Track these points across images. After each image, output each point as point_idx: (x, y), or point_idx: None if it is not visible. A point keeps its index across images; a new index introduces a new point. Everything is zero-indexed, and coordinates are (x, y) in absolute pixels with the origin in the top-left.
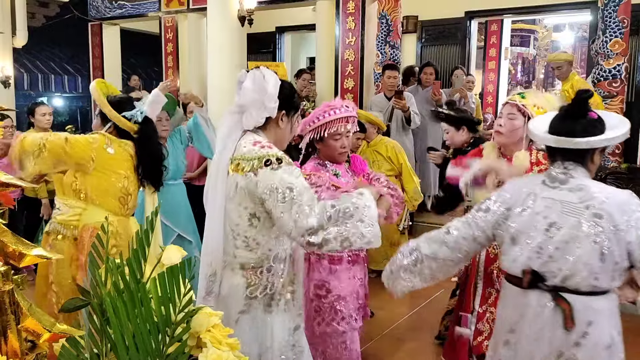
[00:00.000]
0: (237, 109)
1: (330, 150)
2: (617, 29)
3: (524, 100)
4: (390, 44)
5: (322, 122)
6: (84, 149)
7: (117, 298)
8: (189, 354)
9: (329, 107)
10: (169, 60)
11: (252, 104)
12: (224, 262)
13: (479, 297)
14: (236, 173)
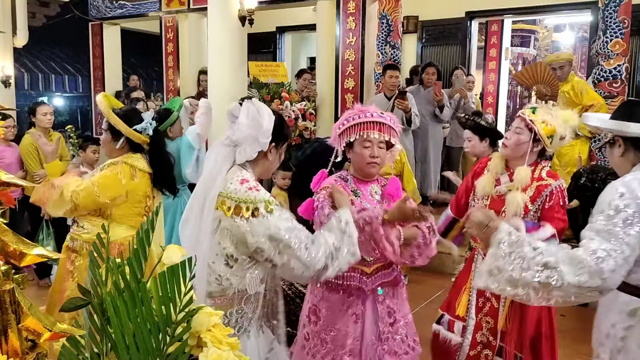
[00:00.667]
0: (230, 143)
1: (359, 160)
2: (617, 29)
3: (533, 115)
4: (390, 44)
5: (352, 123)
6: (115, 189)
7: (117, 297)
8: (190, 353)
9: (360, 110)
10: (170, 60)
11: (246, 140)
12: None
13: (473, 307)
14: (221, 211)
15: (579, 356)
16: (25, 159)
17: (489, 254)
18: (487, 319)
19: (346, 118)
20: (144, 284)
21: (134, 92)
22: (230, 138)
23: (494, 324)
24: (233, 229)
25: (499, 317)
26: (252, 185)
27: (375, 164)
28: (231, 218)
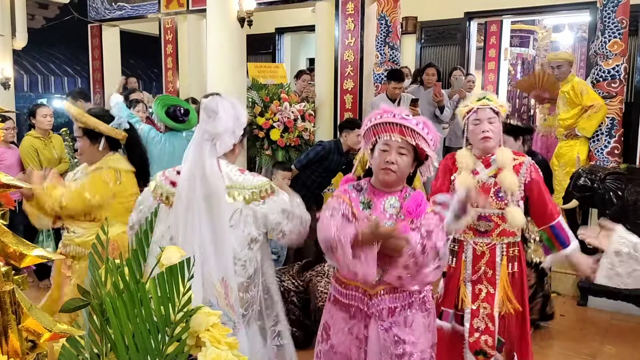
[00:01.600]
0: (209, 137)
1: (374, 165)
2: (616, 29)
3: (492, 102)
4: (389, 45)
5: (372, 124)
6: (104, 191)
7: (117, 298)
8: (188, 353)
9: (385, 111)
10: (169, 61)
11: (225, 132)
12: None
13: (469, 294)
14: (238, 201)
15: (578, 356)
16: (25, 161)
17: (607, 263)
18: (484, 304)
19: (369, 119)
20: (143, 284)
21: (133, 94)
22: (209, 132)
23: (490, 309)
24: (255, 214)
25: (495, 302)
26: (249, 172)
27: (389, 171)
28: (252, 205)
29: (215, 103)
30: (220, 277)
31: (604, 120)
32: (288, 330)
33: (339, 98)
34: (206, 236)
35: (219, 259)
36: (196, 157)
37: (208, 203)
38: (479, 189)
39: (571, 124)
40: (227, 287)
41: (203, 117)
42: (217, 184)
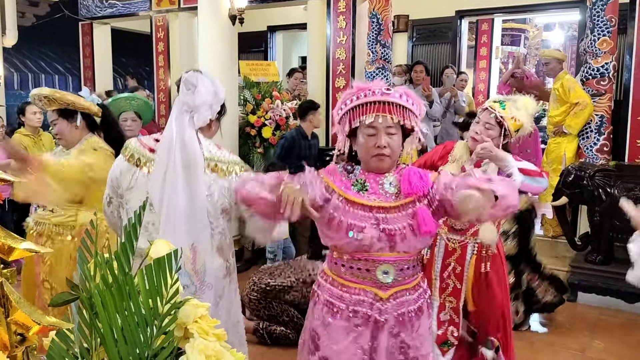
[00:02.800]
0: (188, 109)
1: (363, 152)
2: (605, 27)
3: (503, 111)
4: (381, 43)
5: (349, 107)
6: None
7: (105, 291)
8: (177, 345)
9: (359, 89)
10: (160, 59)
11: (203, 105)
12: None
13: (437, 289)
14: (214, 173)
15: (567, 350)
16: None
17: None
18: (450, 299)
19: (343, 101)
20: (132, 277)
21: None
22: (188, 104)
23: (456, 303)
24: (229, 186)
25: (461, 296)
26: (226, 149)
27: (383, 156)
28: (227, 178)
29: (195, 77)
30: (191, 243)
31: (593, 118)
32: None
33: (331, 96)
34: (181, 203)
35: (192, 226)
36: (177, 127)
37: (186, 171)
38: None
39: (559, 121)
40: (195, 253)
41: (182, 89)
42: (196, 154)
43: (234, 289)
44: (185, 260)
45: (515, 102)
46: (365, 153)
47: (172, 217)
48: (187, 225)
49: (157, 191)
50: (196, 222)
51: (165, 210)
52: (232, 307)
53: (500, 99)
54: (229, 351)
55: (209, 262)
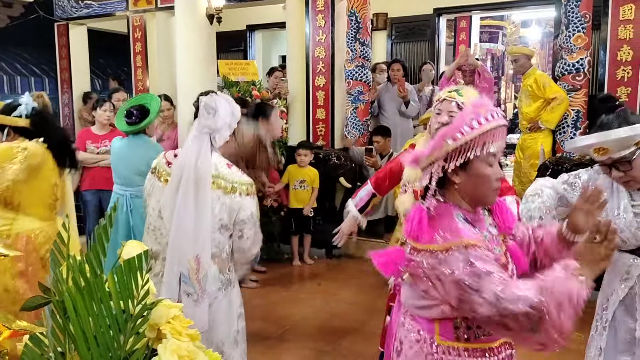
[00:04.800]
0: (208, 131)
1: (479, 186)
2: (579, 23)
3: (462, 97)
4: (360, 41)
5: (478, 132)
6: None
7: (76, 294)
8: (152, 347)
9: (483, 109)
10: (138, 59)
11: (224, 127)
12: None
13: None
14: (219, 190)
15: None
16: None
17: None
18: None
19: (467, 123)
20: (101, 279)
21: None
22: (210, 127)
23: None
24: (231, 204)
25: None
26: (237, 169)
27: (498, 190)
28: (230, 196)
29: (214, 101)
30: (196, 254)
31: (570, 113)
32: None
33: (311, 95)
34: (188, 216)
35: (197, 238)
36: (194, 147)
37: (195, 187)
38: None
39: (534, 117)
40: (199, 264)
41: (203, 113)
42: (206, 171)
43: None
44: (190, 270)
45: (468, 90)
46: (487, 187)
47: (181, 229)
48: (194, 237)
49: (168, 202)
50: (201, 236)
51: (175, 222)
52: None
53: (455, 88)
54: (204, 352)
55: (210, 272)
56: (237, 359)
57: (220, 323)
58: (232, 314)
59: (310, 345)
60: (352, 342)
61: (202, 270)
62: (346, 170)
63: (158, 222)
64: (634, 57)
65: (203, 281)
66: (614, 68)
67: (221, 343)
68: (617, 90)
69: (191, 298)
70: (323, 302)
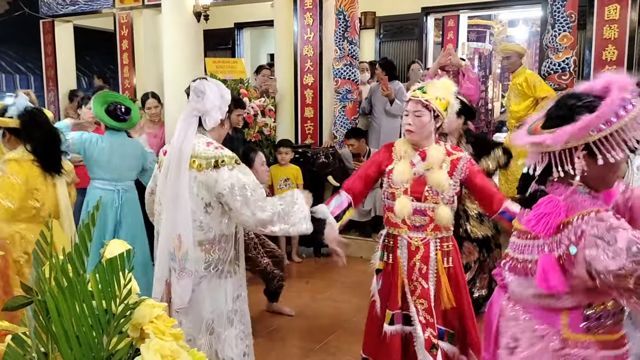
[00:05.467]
0: (197, 114)
1: (608, 172)
2: (565, 23)
3: (426, 95)
4: (348, 40)
5: (623, 121)
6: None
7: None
8: (135, 347)
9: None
10: (125, 57)
11: (213, 109)
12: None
13: (409, 293)
14: (193, 169)
15: None
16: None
17: None
18: (420, 300)
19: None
20: (83, 278)
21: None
22: (199, 109)
23: (427, 304)
24: (207, 180)
25: (431, 297)
26: (217, 145)
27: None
28: (204, 173)
29: (203, 85)
30: (177, 233)
31: None
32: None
33: (299, 93)
34: (170, 197)
35: (177, 218)
36: (182, 131)
37: (177, 169)
38: (412, 181)
39: (523, 116)
40: (180, 242)
41: (192, 97)
42: (186, 153)
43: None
44: (175, 247)
45: (433, 85)
46: (615, 174)
47: (164, 209)
48: (174, 216)
49: (160, 186)
50: (179, 215)
51: (163, 203)
52: (219, 296)
53: (419, 86)
54: (188, 351)
55: (190, 252)
56: (231, 339)
57: (207, 301)
58: (223, 293)
59: (298, 343)
60: (340, 340)
61: (183, 247)
62: (334, 169)
63: (159, 207)
64: (619, 57)
65: (183, 259)
66: (599, 67)
67: (211, 321)
68: None
69: (174, 274)
70: (311, 300)
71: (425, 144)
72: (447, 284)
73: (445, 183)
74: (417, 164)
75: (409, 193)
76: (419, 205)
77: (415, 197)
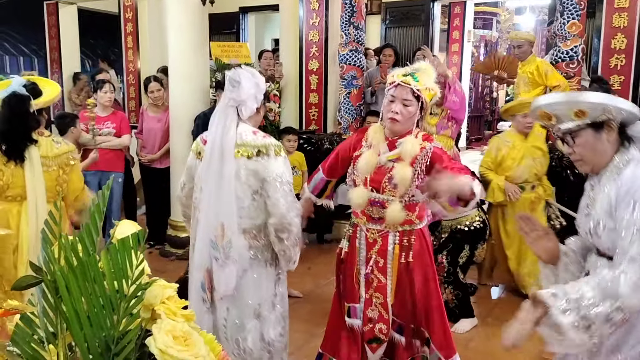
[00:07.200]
0: (234, 103)
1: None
2: (574, 10)
3: (418, 84)
4: (354, 25)
5: None
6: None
7: (69, 274)
8: (145, 327)
9: None
10: (129, 40)
11: (249, 98)
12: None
13: (363, 284)
14: (243, 157)
15: None
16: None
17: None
18: (376, 294)
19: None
20: (94, 257)
21: (99, 75)
22: (235, 99)
23: (383, 299)
24: (256, 167)
25: (387, 291)
26: (264, 134)
27: None
28: (254, 160)
29: (238, 74)
30: (221, 221)
31: None
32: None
33: (304, 78)
34: (213, 186)
35: (221, 207)
36: (221, 120)
37: (220, 158)
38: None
39: None
40: (223, 230)
41: (228, 87)
42: (229, 142)
43: (264, 268)
44: (217, 236)
45: (423, 72)
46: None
47: (206, 199)
48: (217, 205)
49: (202, 177)
50: (223, 204)
51: (204, 192)
52: (263, 283)
53: (409, 71)
54: (199, 333)
55: (234, 240)
56: (272, 321)
57: (253, 288)
58: (267, 280)
59: (301, 328)
60: None
61: (226, 237)
62: None
63: (199, 196)
64: (628, 45)
65: (226, 247)
66: (607, 56)
67: (258, 306)
68: (610, 79)
69: (218, 262)
70: (314, 285)
71: (400, 134)
72: (394, 281)
73: (408, 181)
74: (382, 154)
75: (368, 183)
76: (377, 196)
77: (374, 188)
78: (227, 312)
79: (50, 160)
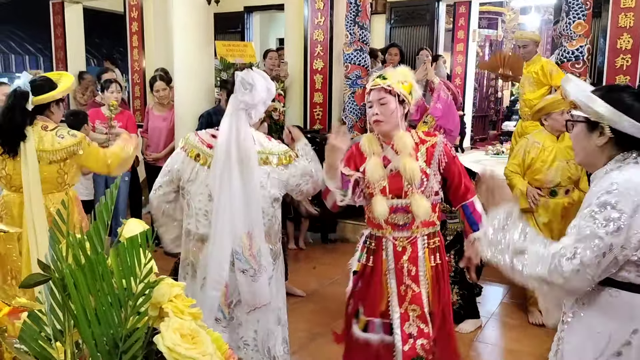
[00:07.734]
0: (245, 107)
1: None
2: (579, 10)
3: (386, 80)
4: (359, 25)
5: None
6: None
7: (77, 271)
8: (152, 326)
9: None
10: (134, 39)
11: (260, 102)
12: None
13: (395, 297)
14: (267, 165)
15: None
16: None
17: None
18: (412, 306)
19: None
20: (103, 256)
21: (105, 74)
22: (247, 102)
23: (420, 311)
24: (279, 177)
25: (423, 301)
26: (275, 139)
27: None
28: (278, 168)
29: (251, 77)
30: (247, 230)
31: None
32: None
33: (309, 78)
34: (237, 194)
35: (247, 215)
36: (232, 124)
37: (241, 165)
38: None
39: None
40: (251, 239)
41: (239, 89)
42: (250, 149)
43: (280, 272)
44: (243, 247)
45: (393, 71)
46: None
47: (228, 208)
48: (244, 214)
49: (216, 184)
50: (252, 212)
51: (222, 201)
52: (280, 289)
53: (378, 74)
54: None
55: (263, 247)
56: (285, 314)
57: (277, 292)
58: (282, 283)
59: (305, 327)
60: None
61: (255, 245)
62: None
63: (209, 205)
64: (634, 46)
65: (258, 256)
66: (613, 56)
67: (278, 309)
68: (615, 79)
69: (247, 274)
70: (318, 285)
71: (391, 133)
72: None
73: (417, 171)
74: (391, 159)
75: (388, 191)
76: (398, 202)
77: (396, 195)
78: (257, 324)
79: (50, 154)
